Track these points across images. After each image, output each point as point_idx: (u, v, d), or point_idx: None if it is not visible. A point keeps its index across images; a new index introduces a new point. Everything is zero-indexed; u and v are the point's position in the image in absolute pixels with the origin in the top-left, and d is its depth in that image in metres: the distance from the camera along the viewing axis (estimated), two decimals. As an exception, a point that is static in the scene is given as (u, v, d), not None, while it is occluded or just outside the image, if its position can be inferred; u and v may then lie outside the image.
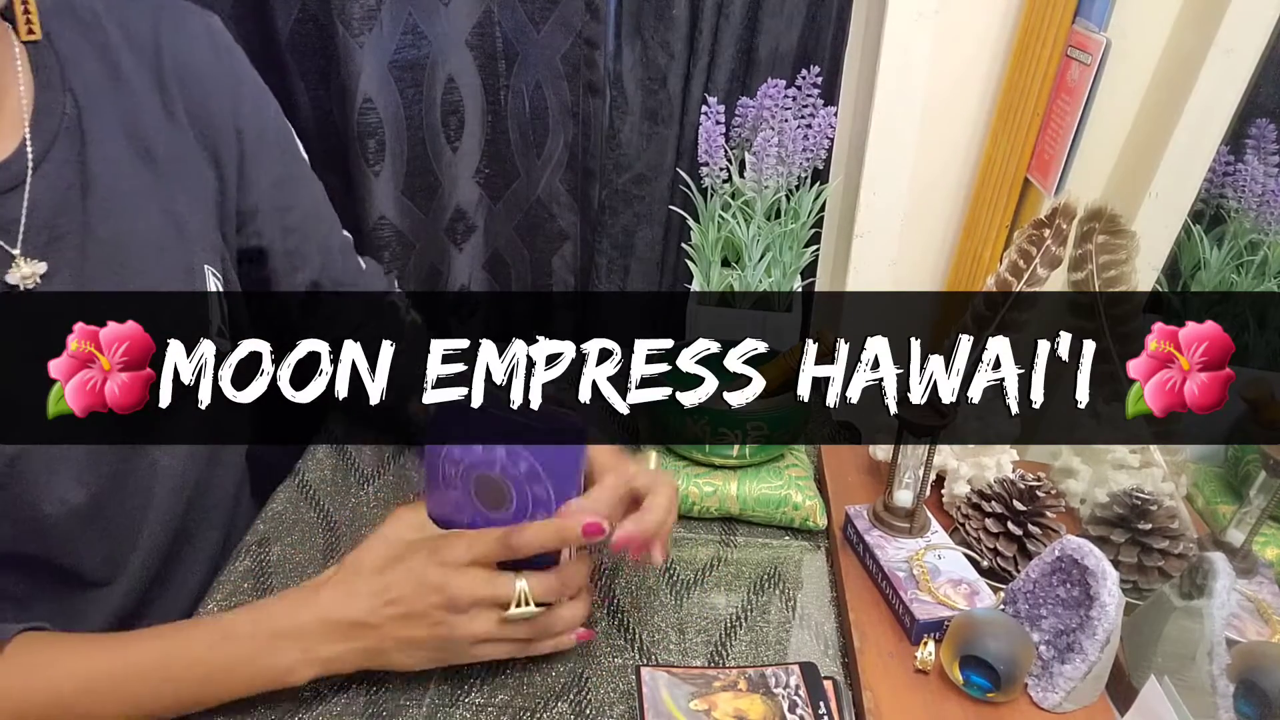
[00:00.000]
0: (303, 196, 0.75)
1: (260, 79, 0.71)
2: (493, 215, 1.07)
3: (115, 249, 0.60)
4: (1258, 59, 0.70)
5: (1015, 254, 0.74)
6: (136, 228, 0.61)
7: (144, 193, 0.62)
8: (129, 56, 0.62)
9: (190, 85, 0.65)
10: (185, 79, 0.65)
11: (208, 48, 0.66)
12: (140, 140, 0.62)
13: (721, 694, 0.55)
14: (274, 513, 0.74)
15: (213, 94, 0.66)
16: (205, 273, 0.65)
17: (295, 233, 0.74)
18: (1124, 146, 0.81)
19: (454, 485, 0.58)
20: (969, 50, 0.82)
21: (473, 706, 0.57)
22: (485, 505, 0.58)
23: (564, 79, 0.97)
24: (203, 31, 0.67)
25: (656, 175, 0.99)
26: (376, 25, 0.88)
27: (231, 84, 0.68)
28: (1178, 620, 0.54)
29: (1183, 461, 0.72)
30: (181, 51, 0.65)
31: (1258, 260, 0.79)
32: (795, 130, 0.84)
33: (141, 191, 0.62)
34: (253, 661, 0.54)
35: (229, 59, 0.68)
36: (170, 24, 0.65)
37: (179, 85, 0.64)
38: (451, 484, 0.58)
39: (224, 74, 0.67)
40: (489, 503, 0.58)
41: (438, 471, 0.59)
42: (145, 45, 0.63)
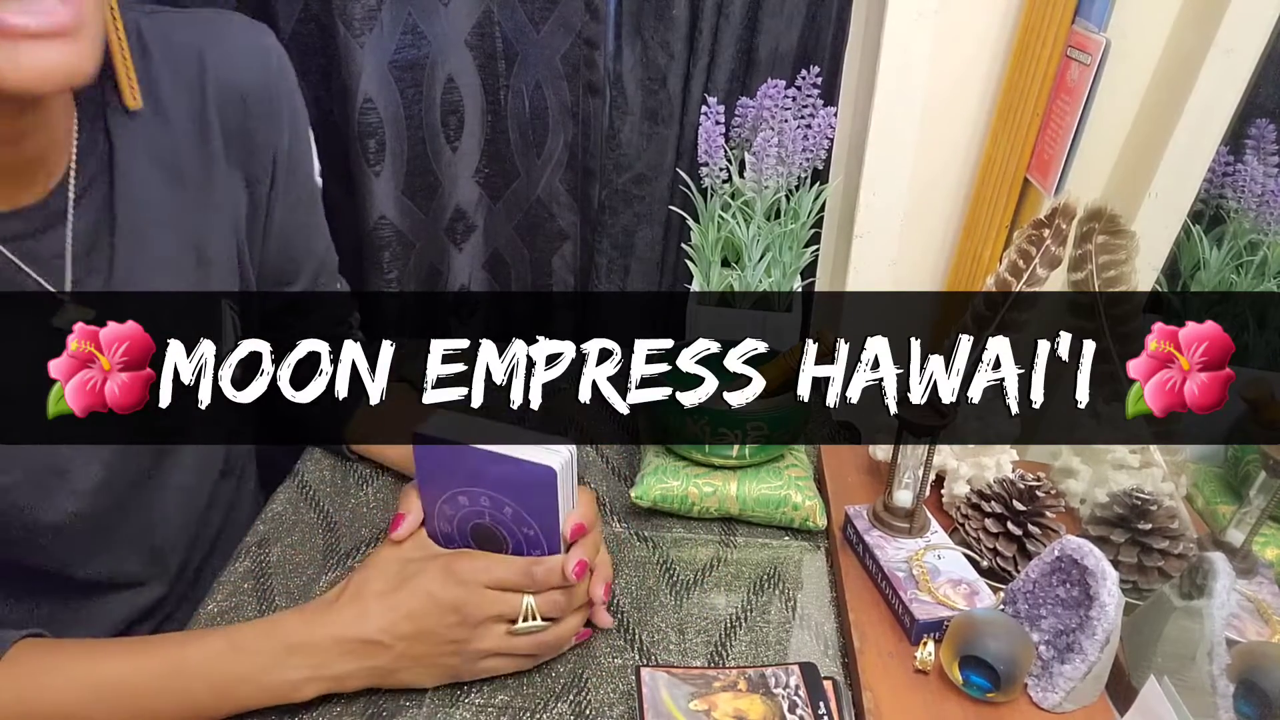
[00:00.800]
0: (310, 216, 0.74)
1: (300, 94, 0.69)
2: (493, 215, 1.07)
3: (133, 281, 0.59)
4: (1258, 59, 0.70)
5: (1015, 254, 0.74)
6: (155, 256, 0.61)
7: (166, 222, 0.61)
8: (168, 76, 0.60)
9: (233, 107, 0.63)
10: (228, 100, 0.63)
11: (258, 69, 0.64)
12: (169, 166, 0.61)
13: (721, 694, 0.55)
14: (274, 513, 0.74)
15: (257, 116, 0.64)
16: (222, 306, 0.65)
17: (296, 250, 0.74)
18: (1124, 146, 0.81)
19: (453, 540, 0.59)
20: (969, 50, 0.82)
21: (473, 707, 0.57)
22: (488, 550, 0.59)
23: (564, 79, 0.97)
24: (256, 51, 0.64)
25: (656, 175, 0.99)
26: (377, 25, 0.88)
27: (277, 108, 0.66)
28: (1178, 620, 0.54)
29: (1183, 461, 0.72)
30: (228, 72, 0.62)
31: (1258, 260, 0.79)
32: (795, 130, 0.84)
33: (164, 221, 0.61)
34: (262, 674, 0.53)
35: (279, 81, 0.66)
36: (220, 47, 0.62)
37: (219, 107, 0.62)
38: (452, 540, 0.59)
39: (271, 97, 0.65)
40: (489, 549, 0.58)
41: (436, 533, 0.60)
42: (188, 64, 0.61)
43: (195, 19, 0.63)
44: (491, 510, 0.57)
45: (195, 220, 0.63)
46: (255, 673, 0.53)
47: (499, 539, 0.58)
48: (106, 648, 0.54)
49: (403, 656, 0.55)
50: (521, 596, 0.56)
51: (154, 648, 0.54)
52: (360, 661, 0.54)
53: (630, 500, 0.73)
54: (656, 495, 0.72)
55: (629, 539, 0.73)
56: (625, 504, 0.76)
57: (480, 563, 0.56)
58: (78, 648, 0.54)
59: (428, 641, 0.55)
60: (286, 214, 0.70)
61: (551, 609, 0.57)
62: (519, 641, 0.57)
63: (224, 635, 0.55)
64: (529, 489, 0.55)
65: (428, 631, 0.54)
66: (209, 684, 0.53)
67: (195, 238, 0.63)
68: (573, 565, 0.56)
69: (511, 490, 0.55)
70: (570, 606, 0.58)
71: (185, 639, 0.55)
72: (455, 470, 0.56)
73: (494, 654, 0.56)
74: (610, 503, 0.77)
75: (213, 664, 0.53)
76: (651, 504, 0.73)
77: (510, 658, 0.57)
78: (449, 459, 0.56)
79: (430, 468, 0.57)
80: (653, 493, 0.72)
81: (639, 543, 0.72)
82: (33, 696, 0.51)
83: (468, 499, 0.57)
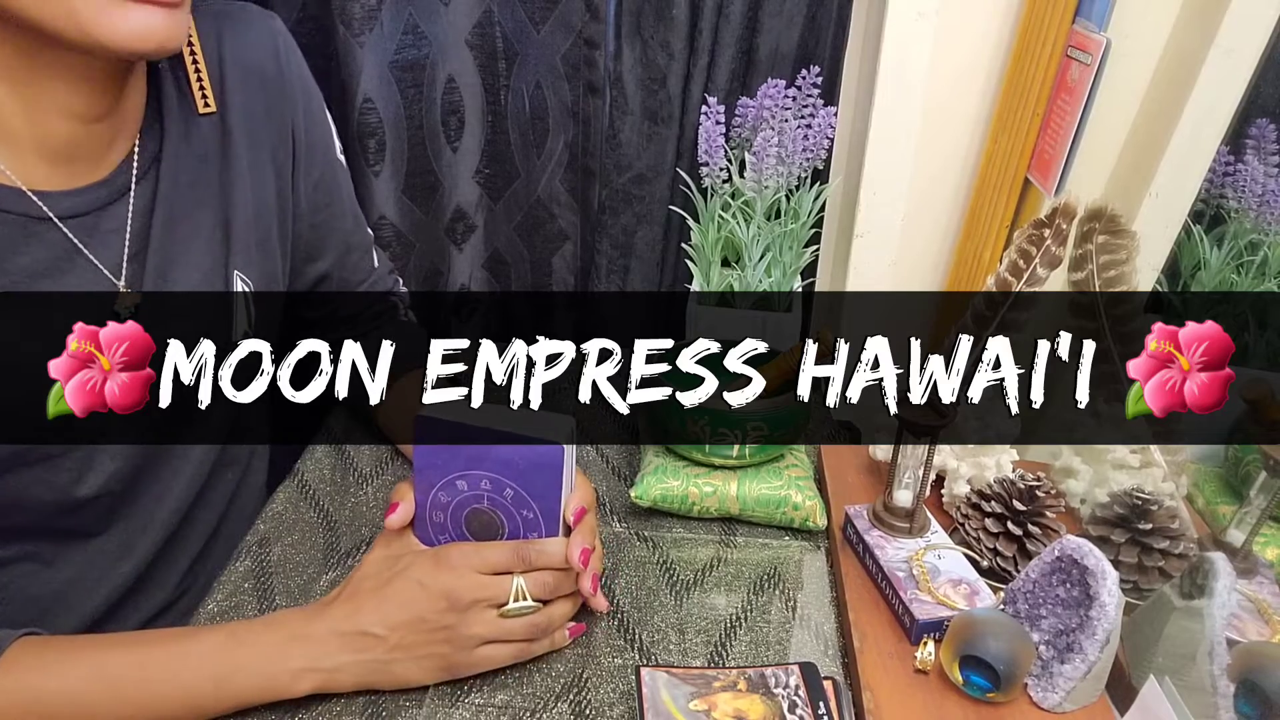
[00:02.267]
0: (334, 195, 0.77)
1: (310, 76, 0.73)
2: (493, 215, 1.08)
3: (163, 259, 0.62)
4: (1258, 59, 0.70)
5: (1015, 254, 0.74)
6: (182, 237, 0.64)
7: (198, 203, 0.64)
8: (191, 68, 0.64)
9: (253, 92, 0.67)
10: (248, 86, 0.67)
11: (270, 54, 0.68)
12: (199, 153, 0.64)
13: (721, 694, 0.55)
14: (274, 513, 0.74)
15: (274, 99, 0.68)
16: (234, 277, 0.67)
17: (320, 229, 0.76)
18: (1124, 146, 0.81)
19: (445, 530, 0.59)
20: (969, 50, 0.82)
21: (473, 706, 0.57)
22: (481, 539, 0.59)
23: (564, 79, 0.97)
24: (267, 36, 0.68)
25: (656, 175, 0.99)
26: (377, 25, 0.88)
27: (291, 89, 0.69)
28: (1178, 620, 0.54)
29: (1183, 461, 0.72)
30: (244, 59, 0.66)
31: (1258, 260, 0.79)
32: (795, 130, 0.84)
33: (196, 202, 0.64)
34: (261, 664, 0.54)
35: (291, 63, 0.70)
36: (233, 31, 0.66)
37: (241, 94, 0.66)
38: (443, 529, 0.59)
39: (285, 80, 0.69)
40: (484, 536, 0.58)
41: (426, 522, 0.59)
42: (209, 56, 0.65)
43: (211, 9, 0.66)
44: (491, 494, 0.57)
45: (220, 201, 0.66)
46: (254, 661, 0.54)
47: (496, 524, 0.58)
48: (109, 640, 0.55)
49: (396, 648, 0.55)
50: (511, 577, 0.56)
51: (156, 640, 0.55)
52: (355, 654, 0.55)
53: (630, 500, 0.73)
54: (656, 495, 0.72)
55: (629, 539, 0.73)
56: (625, 504, 0.76)
57: (469, 548, 0.57)
58: (79, 642, 0.54)
59: (419, 629, 0.55)
60: (310, 191, 0.73)
61: (541, 590, 0.57)
62: (511, 625, 0.56)
63: (225, 628, 0.56)
64: (533, 470, 0.55)
65: (419, 619, 0.55)
66: (209, 674, 0.53)
67: (220, 218, 0.66)
68: (577, 552, 0.57)
69: (514, 471, 0.55)
70: (559, 589, 0.58)
71: (187, 632, 0.56)
72: (457, 452, 0.56)
73: (487, 641, 0.56)
74: (610, 503, 0.77)
75: (213, 655, 0.54)
76: (651, 504, 0.73)
77: (505, 646, 0.57)
78: (452, 439, 0.56)
79: (431, 451, 0.57)
80: (653, 493, 0.72)
81: (639, 543, 0.72)
82: (36, 690, 0.51)
83: (466, 483, 0.57)
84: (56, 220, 0.57)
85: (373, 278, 0.83)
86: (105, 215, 0.59)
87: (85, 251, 0.58)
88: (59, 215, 0.57)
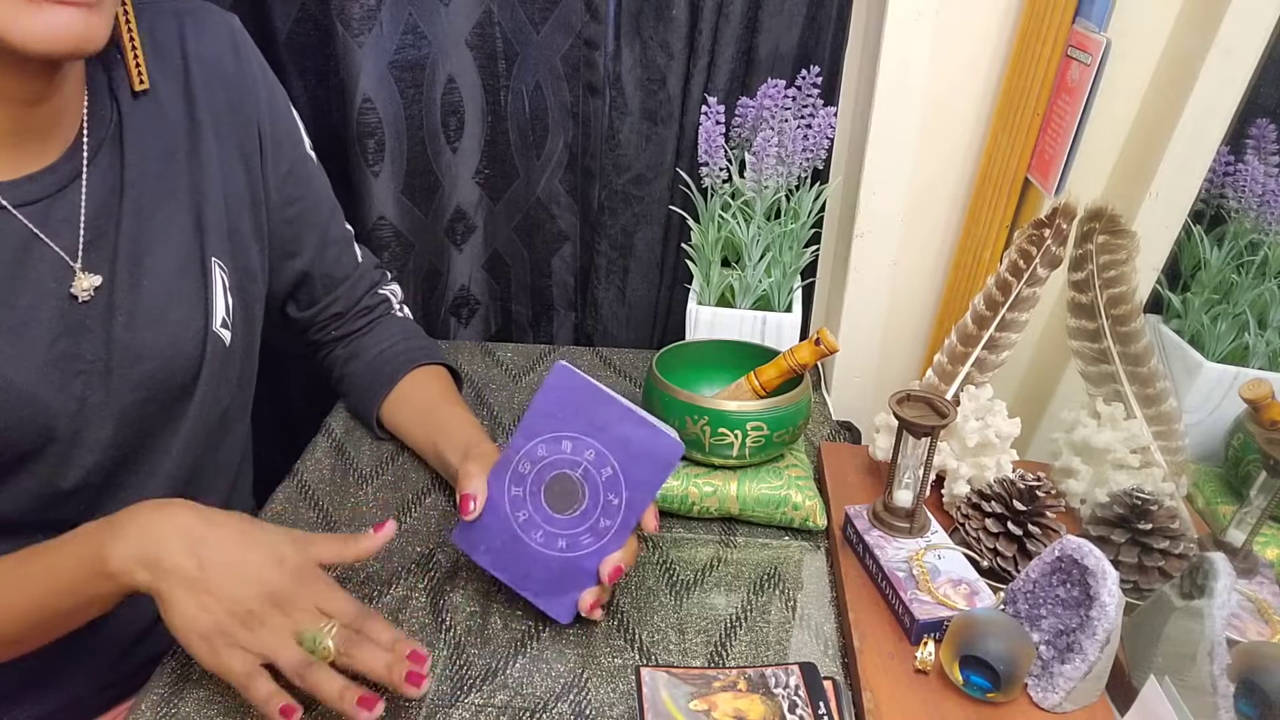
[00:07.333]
0: (306, 188, 0.77)
1: (270, 71, 0.73)
2: (493, 215, 1.08)
3: (136, 246, 0.63)
4: (1258, 59, 0.70)
5: (1015, 254, 0.74)
6: (156, 226, 0.64)
7: (167, 192, 0.65)
8: (155, 63, 0.64)
9: (216, 87, 0.68)
10: (212, 81, 0.68)
11: (230, 49, 0.69)
12: (166, 141, 0.65)
13: (721, 694, 0.55)
14: (274, 513, 0.74)
15: (237, 92, 0.69)
16: (213, 265, 0.67)
17: (294, 223, 0.76)
18: (1124, 146, 0.81)
19: (522, 482, 0.58)
20: (969, 50, 0.82)
21: (472, 707, 0.57)
22: (551, 505, 0.58)
23: (564, 79, 0.97)
24: (225, 33, 0.69)
25: (656, 175, 0.99)
26: (376, 25, 0.88)
27: (252, 82, 0.70)
28: (1178, 620, 0.54)
29: (1183, 462, 0.72)
30: (207, 55, 0.67)
31: (1258, 260, 0.79)
32: (795, 130, 0.84)
33: (166, 191, 0.65)
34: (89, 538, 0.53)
35: (250, 59, 0.71)
36: (194, 29, 0.67)
37: (206, 88, 0.67)
38: (520, 481, 0.58)
39: (246, 73, 0.70)
40: (555, 504, 0.58)
41: (507, 467, 0.59)
42: (171, 51, 0.66)
43: (172, 6, 0.67)
44: (591, 464, 0.56)
45: (191, 191, 0.66)
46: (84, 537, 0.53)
47: (578, 494, 0.57)
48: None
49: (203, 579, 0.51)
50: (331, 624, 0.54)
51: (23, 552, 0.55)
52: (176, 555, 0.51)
53: (630, 500, 0.73)
54: (656, 495, 0.72)
55: (629, 539, 0.73)
56: (625, 504, 0.76)
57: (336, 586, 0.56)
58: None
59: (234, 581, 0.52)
60: (280, 184, 0.74)
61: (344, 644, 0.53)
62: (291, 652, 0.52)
63: None
64: (645, 457, 0.55)
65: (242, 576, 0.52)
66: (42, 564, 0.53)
67: (191, 207, 0.66)
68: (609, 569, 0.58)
69: (626, 453, 0.55)
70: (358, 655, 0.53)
71: None
72: (580, 411, 0.56)
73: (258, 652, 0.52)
74: (610, 503, 0.77)
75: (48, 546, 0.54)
76: (651, 504, 0.73)
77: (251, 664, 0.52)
78: (582, 398, 0.55)
79: (556, 401, 0.56)
80: (653, 493, 0.72)
81: (639, 543, 0.72)
82: None
83: (572, 446, 0.56)
84: (11, 208, 0.57)
85: (357, 273, 0.83)
86: (58, 201, 0.59)
87: (42, 236, 0.58)
88: (12, 204, 0.57)
